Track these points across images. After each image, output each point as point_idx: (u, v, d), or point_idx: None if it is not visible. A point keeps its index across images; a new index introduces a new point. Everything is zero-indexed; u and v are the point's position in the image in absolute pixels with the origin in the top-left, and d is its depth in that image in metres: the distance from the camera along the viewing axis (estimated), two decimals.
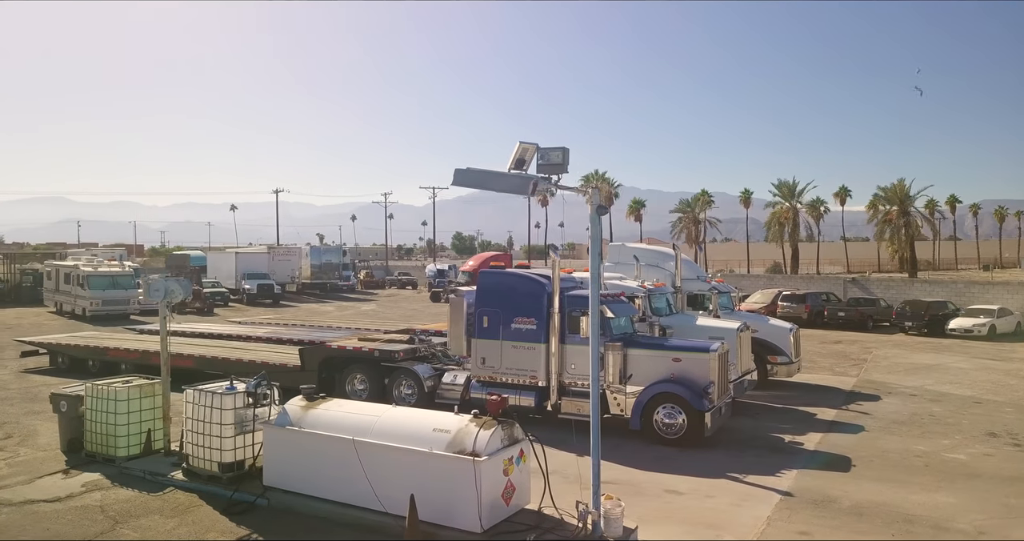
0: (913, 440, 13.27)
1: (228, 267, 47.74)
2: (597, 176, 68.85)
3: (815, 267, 78.77)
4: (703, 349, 12.98)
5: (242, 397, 10.04)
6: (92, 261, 38.95)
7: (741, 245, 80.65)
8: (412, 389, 14.99)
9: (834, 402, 16.50)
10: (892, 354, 24.82)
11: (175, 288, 11.27)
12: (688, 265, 19.55)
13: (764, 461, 11.84)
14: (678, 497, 10.13)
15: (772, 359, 17.80)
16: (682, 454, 12.16)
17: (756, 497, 10.10)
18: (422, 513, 8.41)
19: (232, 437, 10.00)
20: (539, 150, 8.26)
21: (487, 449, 8.31)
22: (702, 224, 67.40)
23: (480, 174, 8.59)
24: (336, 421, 9.37)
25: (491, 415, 8.68)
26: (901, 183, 59.38)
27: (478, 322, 14.31)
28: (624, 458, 11.89)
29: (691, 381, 12.74)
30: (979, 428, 14.21)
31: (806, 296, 33.49)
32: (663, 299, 16.55)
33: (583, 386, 13.51)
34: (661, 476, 11.02)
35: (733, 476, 11.00)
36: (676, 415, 12.65)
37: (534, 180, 8.26)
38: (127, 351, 18.95)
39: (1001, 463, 11.85)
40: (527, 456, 8.99)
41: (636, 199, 72.93)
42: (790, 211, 59.49)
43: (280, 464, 9.65)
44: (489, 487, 8.29)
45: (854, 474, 11.22)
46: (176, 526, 8.97)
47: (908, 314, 30.63)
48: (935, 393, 17.82)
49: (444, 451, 8.40)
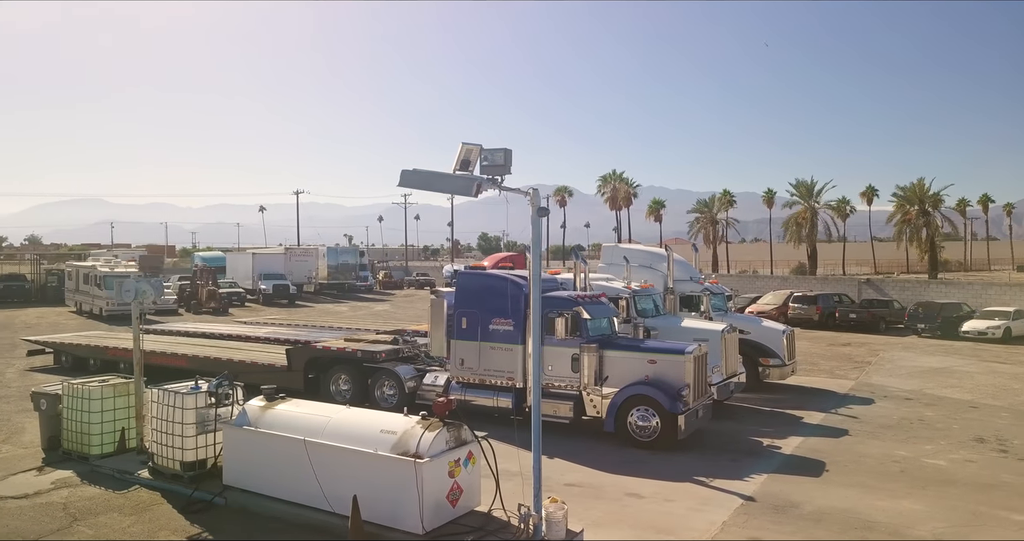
0: (895, 445, 13.01)
1: (245, 268, 48.34)
2: (615, 176, 68.50)
3: (840, 268, 77.64)
4: (678, 351, 12.85)
5: (204, 397, 10.15)
6: (110, 262, 39.67)
7: (767, 245, 79.60)
8: (394, 390, 15.05)
9: (825, 405, 16.23)
10: (899, 357, 24.35)
11: (146, 289, 11.44)
12: (683, 266, 19.35)
13: (736, 465, 11.69)
14: (637, 501, 10.04)
15: (764, 361, 17.57)
16: (654, 457, 12.05)
17: (717, 501, 9.97)
18: (369, 514, 8.44)
19: (194, 436, 10.12)
20: (483, 151, 8.26)
21: (430, 451, 8.31)
22: (720, 224, 66.65)
23: (426, 175, 8.58)
24: (291, 421, 9.44)
25: (437, 417, 8.67)
26: (921, 182, 58.10)
27: (457, 323, 14.32)
28: (594, 460, 11.82)
29: (666, 383, 12.62)
30: (968, 433, 13.88)
31: (817, 297, 32.97)
32: (649, 300, 16.41)
33: (560, 388, 13.47)
34: (626, 479, 10.92)
35: (700, 480, 10.87)
36: (650, 417, 12.54)
37: (478, 181, 8.25)
38: (125, 350, 19.22)
39: (980, 470, 11.56)
40: (476, 458, 8.97)
41: (656, 199, 72.36)
42: (808, 211, 58.53)
43: (238, 464, 9.76)
44: (432, 489, 8.28)
45: (824, 479, 11.02)
46: (132, 524, 9.09)
47: (921, 316, 30.02)
48: (932, 397, 17.45)
49: (388, 453, 8.42)
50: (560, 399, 13.41)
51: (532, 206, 8.17)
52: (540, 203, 8.18)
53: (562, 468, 11.55)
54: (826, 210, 61.34)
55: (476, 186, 8.23)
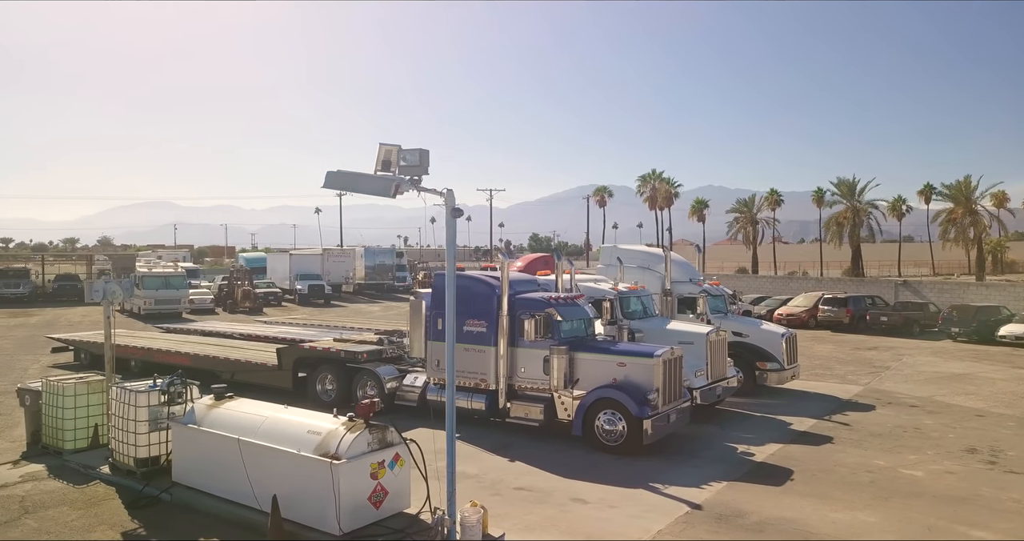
0: (877, 454, 12.47)
1: (283, 268, 49.37)
2: (654, 176, 67.51)
3: (896, 269, 75.03)
4: (647, 354, 12.59)
5: (157, 395, 10.38)
6: (148, 262, 41.01)
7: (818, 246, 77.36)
8: (375, 390, 15.13)
9: (820, 411, 15.68)
10: (923, 362, 23.37)
11: (115, 289, 11.75)
12: (682, 267, 18.97)
13: (700, 471, 11.38)
14: (580, 506, 9.86)
15: (761, 365, 17.07)
16: (618, 462, 11.83)
17: (662, 509, 9.72)
18: (293, 514, 8.53)
19: (146, 433, 10.36)
20: (400, 152, 8.25)
21: (349, 452, 8.32)
22: (760, 224, 65.01)
23: (348, 176, 8.63)
24: (231, 421, 9.58)
25: (361, 418, 8.68)
26: (967, 180, 55.62)
27: (432, 324, 14.34)
28: (555, 464, 11.68)
29: (634, 386, 12.38)
30: (962, 443, 13.23)
31: (848, 300, 31.87)
32: (637, 302, 16.13)
33: (534, 390, 13.35)
34: (580, 484, 10.75)
35: (655, 486, 10.63)
36: (616, 421, 12.31)
37: (397, 182, 8.25)
38: (134, 348, 19.86)
39: (958, 482, 11.00)
40: (404, 460, 8.93)
41: (699, 199, 71.09)
42: (849, 210, 56.57)
43: (185, 461, 9.97)
44: (351, 490, 8.30)
45: (786, 488, 10.64)
46: (77, 518, 9.36)
47: (955, 319, 28.71)
48: (940, 404, 16.69)
49: (310, 453, 8.47)
50: (532, 401, 13.30)
51: (446, 207, 8.12)
52: (454, 204, 8.12)
53: (519, 471, 11.45)
54: (871, 208, 59.24)
55: (395, 187, 8.24)
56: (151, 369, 19.64)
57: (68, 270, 58.86)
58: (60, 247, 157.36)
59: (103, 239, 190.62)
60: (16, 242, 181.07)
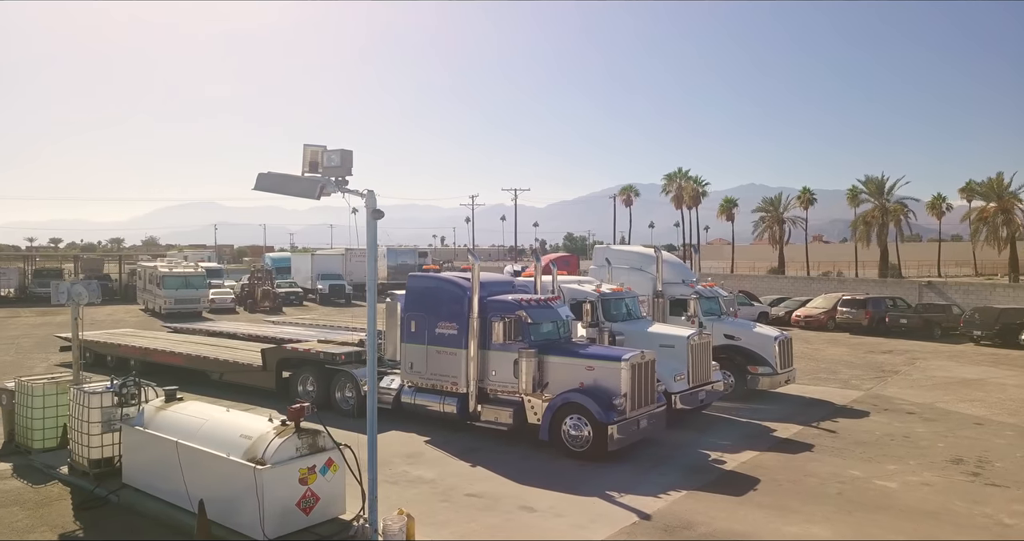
0: (855, 464, 11.99)
1: (306, 268, 49.88)
2: (680, 174, 66.55)
3: (936, 269, 72.96)
4: (615, 357, 12.29)
5: (110, 396, 10.42)
6: (170, 262, 41.72)
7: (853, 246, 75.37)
8: (352, 392, 15.07)
9: (810, 418, 15.18)
10: (936, 366, 22.55)
11: (81, 291, 11.84)
12: (675, 268, 18.57)
13: (664, 479, 11.06)
14: (526, 514, 9.63)
15: (752, 369, 16.60)
16: (582, 468, 11.57)
17: (609, 518, 9.44)
18: (222, 518, 8.51)
19: (99, 435, 10.41)
20: (325, 153, 8.15)
21: (275, 457, 8.24)
22: (787, 224, 63.55)
23: (277, 178, 8.57)
24: (175, 423, 9.57)
25: (291, 422, 8.58)
26: (999, 177, 53.62)
27: (405, 326, 14.25)
28: (516, 470, 11.46)
29: (602, 391, 12.10)
30: (950, 453, 12.66)
31: (867, 301, 30.94)
32: (621, 304, 15.79)
33: (505, 394, 13.15)
34: (535, 491, 10.52)
35: (611, 494, 10.34)
36: (582, 427, 12.04)
37: (321, 184, 8.17)
38: (133, 348, 20.14)
39: (932, 494, 10.50)
40: (338, 465, 8.81)
41: (728, 198, 69.93)
42: (878, 210, 54.96)
43: (133, 463, 10.01)
44: (277, 495, 8.20)
45: (745, 499, 10.26)
46: (23, 518, 9.44)
47: (977, 322, 27.65)
48: (939, 411, 16.04)
49: (239, 458, 8.41)
50: (502, 405, 13.10)
51: (367, 209, 7.98)
52: (374, 205, 7.98)
53: (478, 477, 11.26)
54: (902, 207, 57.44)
55: (319, 188, 8.16)
56: (149, 369, 20.01)
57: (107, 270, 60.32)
58: (107, 247, 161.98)
59: (148, 239, 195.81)
60: (67, 242, 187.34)
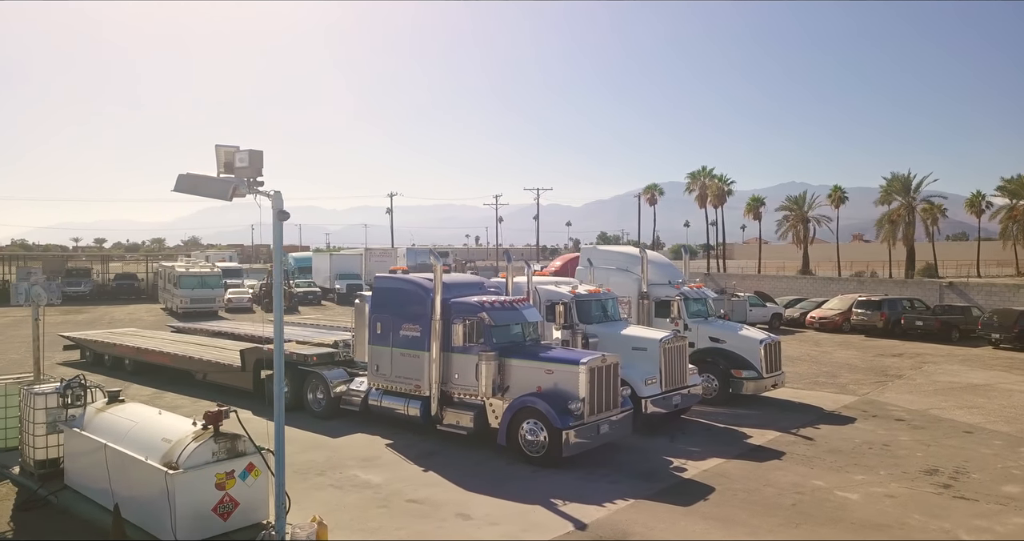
0: (821, 473, 11.52)
1: (325, 268, 50.26)
2: (704, 172, 65.49)
3: (976, 269, 70.85)
4: (573, 361, 11.99)
5: (55, 397, 10.44)
6: (187, 262, 42.32)
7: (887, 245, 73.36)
8: (323, 394, 15.00)
9: (792, 424, 14.67)
10: (944, 370, 21.73)
11: (39, 292, 11.92)
12: (661, 269, 18.16)
13: (616, 487, 10.75)
14: (460, 522, 9.42)
15: (736, 373, 16.13)
16: (536, 474, 11.33)
17: (544, 528, 9.19)
18: (143, 522, 8.43)
19: (44, 435, 10.43)
20: (237, 153, 8.03)
21: (189, 462, 8.12)
22: (812, 222, 62.08)
23: (194, 180, 8.47)
24: (109, 425, 9.52)
25: (208, 426, 8.48)
26: None
27: (372, 328, 14.12)
28: (468, 475, 11.26)
29: (559, 395, 11.83)
30: (927, 463, 12.10)
31: (882, 303, 29.99)
32: (596, 306, 15.44)
33: (468, 397, 12.93)
34: (479, 498, 10.30)
35: (554, 502, 10.08)
36: (538, 431, 11.78)
37: (234, 184, 8.04)
38: (127, 348, 20.37)
39: (891, 507, 10.01)
40: (260, 471, 8.67)
41: (755, 197, 68.66)
42: (904, 208, 53.35)
43: (72, 464, 9.99)
44: (191, 500, 8.08)
45: (691, 509, 9.90)
46: None
47: (995, 325, 26.61)
48: (931, 418, 15.40)
49: (156, 462, 8.30)
50: (464, 409, 12.89)
51: (273, 210, 7.82)
52: (281, 206, 7.82)
53: (426, 482, 11.07)
54: (934, 205, 55.88)
55: (231, 189, 8.03)
56: (143, 368, 20.26)
57: (131, 270, 61.59)
58: (150, 247, 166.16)
59: (191, 239, 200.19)
60: (112, 242, 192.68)
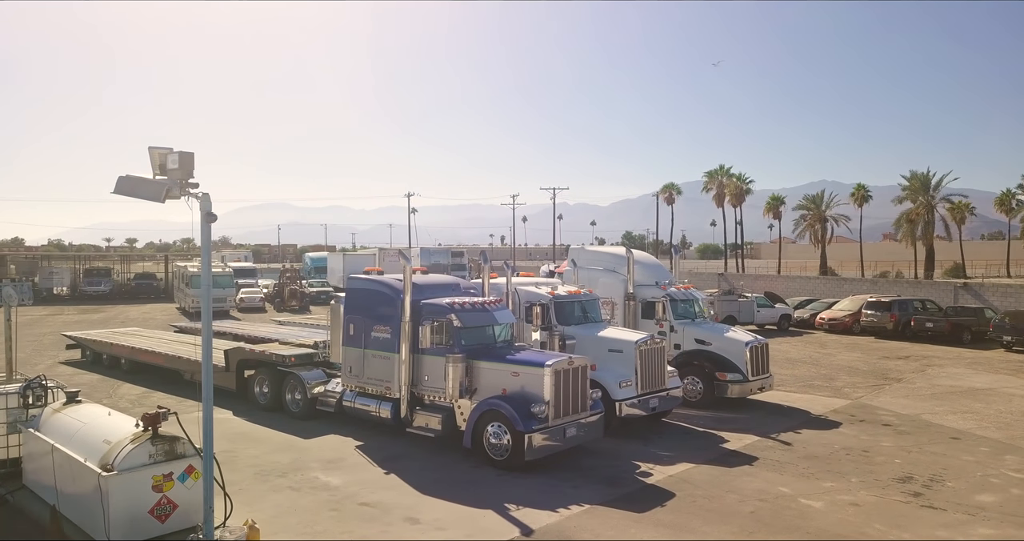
0: (790, 480, 11.23)
1: (339, 268, 50.60)
2: (722, 171, 64.69)
3: (1005, 269, 69.18)
4: (538, 364, 11.83)
5: (16, 397, 10.54)
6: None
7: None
8: (301, 394, 15.00)
9: (774, 428, 14.36)
10: (947, 374, 21.17)
11: (11, 293, 12.05)
12: (649, 269, 17.89)
13: (576, 492, 10.59)
14: (408, 527, 9.33)
15: (721, 376, 15.84)
16: (497, 478, 11.21)
17: (490, 533, 9.08)
18: (82, 523, 8.48)
19: (5, 435, 10.54)
20: (169, 156, 8.01)
21: (124, 464, 8.14)
22: (830, 222, 60.94)
23: (132, 182, 8.47)
24: (61, 426, 9.59)
25: (146, 428, 8.48)
26: None
27: (345, 330, 14.08)
28: (428, 480, 11.16)
29: (522, 398, 11.69)
30: (903, 470, 11.74)
31: (892, 304, 29.33)
32: (575, 307, 15.26)
33: (437, 400, 12.83)
34: (432, 502, 10.20)
35: (508, 507, 9.94)
36: (502, 435, 11.65)
37: (167, 186, 8.03)
38: (124, 347, 20.58)
39: (854, 516, 9.71)
40: (199, 473, 8.65)
41: (775, 195, 67.65)
42: (923, 207, 52.10)
43: (29, 465, 10.09)
44: (126, 502, 8.10)
45: (646, 516, 9.70)
46: None
47: (1007, 327, 25.87)
48: (921, 423, 14.99)
49: (94, 464, 8.34)
50: (433, 411, 12.80)
51: (200, 211, 7.79)
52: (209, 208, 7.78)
53: (384, 485, 10.99)
54: (950, 202, 54.55)
55: (164, 190, 8.02)
56: (138, 368, 20.46)
57: (152, 270, 62.54)
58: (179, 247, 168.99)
59: (221, 239, 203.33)
60: (144, 242, 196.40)
